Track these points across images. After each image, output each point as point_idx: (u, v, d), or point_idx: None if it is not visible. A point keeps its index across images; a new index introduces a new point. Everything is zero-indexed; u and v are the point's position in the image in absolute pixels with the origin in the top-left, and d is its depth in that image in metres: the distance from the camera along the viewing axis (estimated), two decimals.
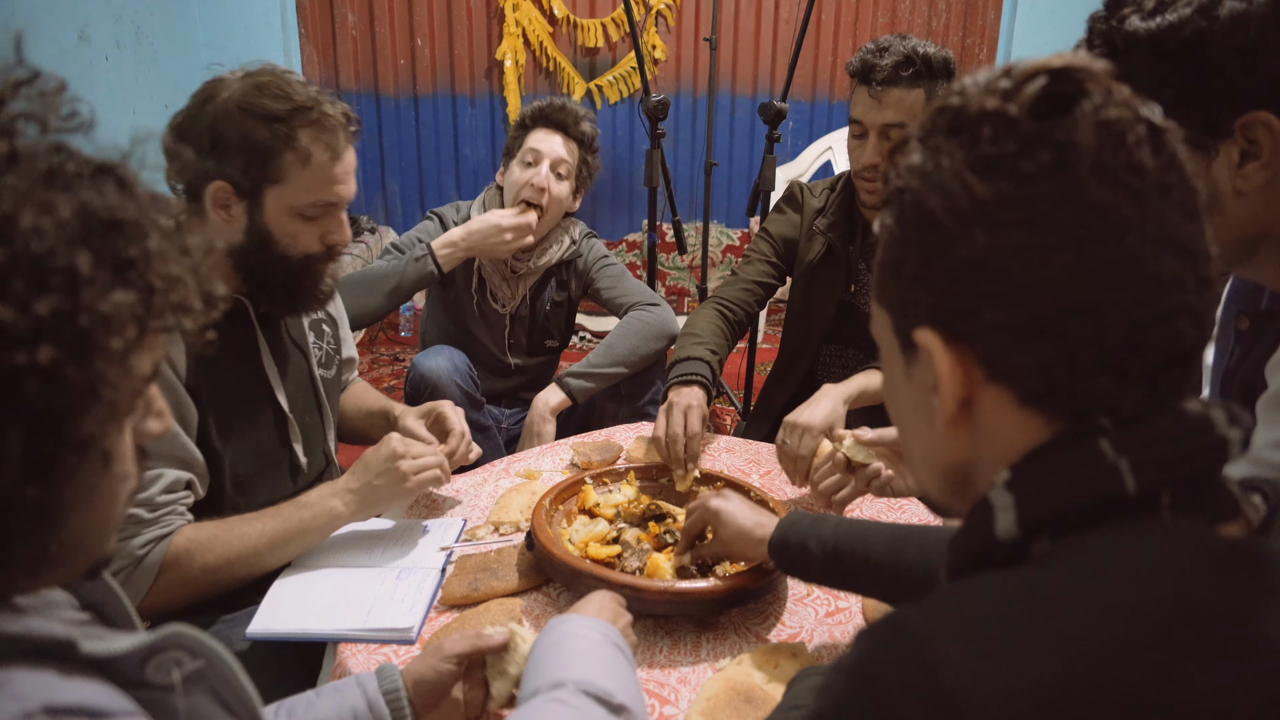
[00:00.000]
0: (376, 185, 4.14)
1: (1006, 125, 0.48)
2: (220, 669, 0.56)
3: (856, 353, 1.78)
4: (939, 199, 0.50)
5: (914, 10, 4.07)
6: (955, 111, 0.51)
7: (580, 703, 0.71)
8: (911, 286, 0.53)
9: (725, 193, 4.28)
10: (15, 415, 0.44)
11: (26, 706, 0.43)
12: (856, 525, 0.96)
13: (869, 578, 0.93)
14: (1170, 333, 0.48)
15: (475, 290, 1.94)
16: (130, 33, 3.00)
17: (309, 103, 1.13)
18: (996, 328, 0.49)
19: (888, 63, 1.49)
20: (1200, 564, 0.45)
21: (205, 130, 1.11)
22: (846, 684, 0.48)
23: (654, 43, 4.00)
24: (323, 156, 1.15)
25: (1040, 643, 0.42)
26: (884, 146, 1.53)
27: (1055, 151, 0.47)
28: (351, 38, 3.93)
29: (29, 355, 0.43)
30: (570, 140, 1.88)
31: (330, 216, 1.20)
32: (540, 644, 0.80)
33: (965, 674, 0.42)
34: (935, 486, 0.59)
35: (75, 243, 0.45)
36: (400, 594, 1.08)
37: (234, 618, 1.17)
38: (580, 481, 1.28)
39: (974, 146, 0.49)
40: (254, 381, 1.25)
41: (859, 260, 1.71)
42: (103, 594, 0.64)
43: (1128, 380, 0.48)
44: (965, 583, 0.49)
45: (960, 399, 0.52)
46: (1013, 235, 0.48)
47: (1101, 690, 0.40)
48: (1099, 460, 0.47)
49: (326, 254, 1.23)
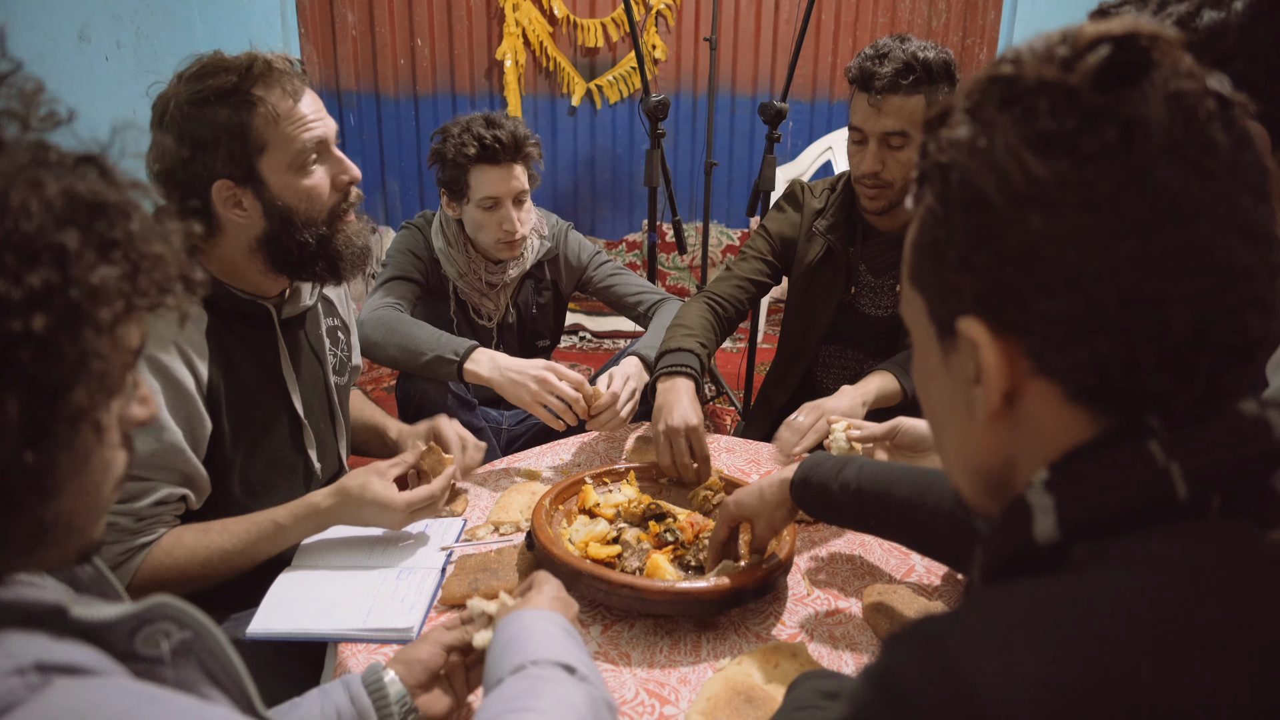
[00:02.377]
0: (376, 185, 4.14)
1: (1066, 98, 0.44)
2: (208, 641, 0.57)
3: (856, 353, 1.78)
4: (991, 178, 0.46)
5: (914, 10, 4.07)
6: (1009, 82, 0.46)
7: (547, 672, 0.72)
8: (955, 271, 0.49)
9: (725, 193, 4.28)
10: (12, 382, 0.46)
11: (19, 663, 0.45)
12: (881, 466, 0.96)
13: (892, 517, 0.93)
14: (1237, 326, 0.44)
15: (455, 313, 1.90)
16: (130, 33, 3.00)
17: (248, 63, 1.12)
18: (1050, 319, 0.45)
19: (887, 70, 1.48)
20: (1252, 573, 0.42)
21: (175, 142, 1.11)
22: (875, 692, 0.45)
23: (654, 43, 4.00)
24: (286, 103, 1.14)
25: (1079, 656, 0.39)
26: (884, 154, 1.53)
27: (1121, 128, 0.43)
28: (351, 38, 3.93)
29: (24, 324, 0.45)
30: (519, 165, 1.75)
31: (327, 155, 1.20)
32: (497, 640, 0.81)
33: (1001, 688, 0.39)
34: (967, 484, 0.56)
35: (63, 222, 0.48)
36: (400, 594, 1.08)
37: (241, 616, 1.17)
38: (580, 481, 1.28)
39: (1030, 121, 0.45)
40: (272, 386, 1.26)
41: (859, 262, 1.71)
42: (100, 589, 0.65)
43: (1187, 377, 0.45)
44: (1000, 590, 0.46)
45: (1004, 393, 0.48)
46: (1071, 219, 0.44)
47: (1146, 707, 0.38)
48: (1149, 464, 0.44)
49: (344, 199, 1.22)
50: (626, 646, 1.01)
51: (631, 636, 1.02)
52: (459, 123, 1.74)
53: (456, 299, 1.90)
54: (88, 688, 0.46)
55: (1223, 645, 0.39)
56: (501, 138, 1.69)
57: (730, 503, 1.09)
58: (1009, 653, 0.41)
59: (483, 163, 1.71)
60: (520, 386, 1.48)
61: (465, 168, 1.72)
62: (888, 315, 1.71)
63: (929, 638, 0.43)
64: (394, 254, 1.85)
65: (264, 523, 1.15)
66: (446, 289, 1.88)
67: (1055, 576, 0.45)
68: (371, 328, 1.64)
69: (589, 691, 0.72)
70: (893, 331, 1.71)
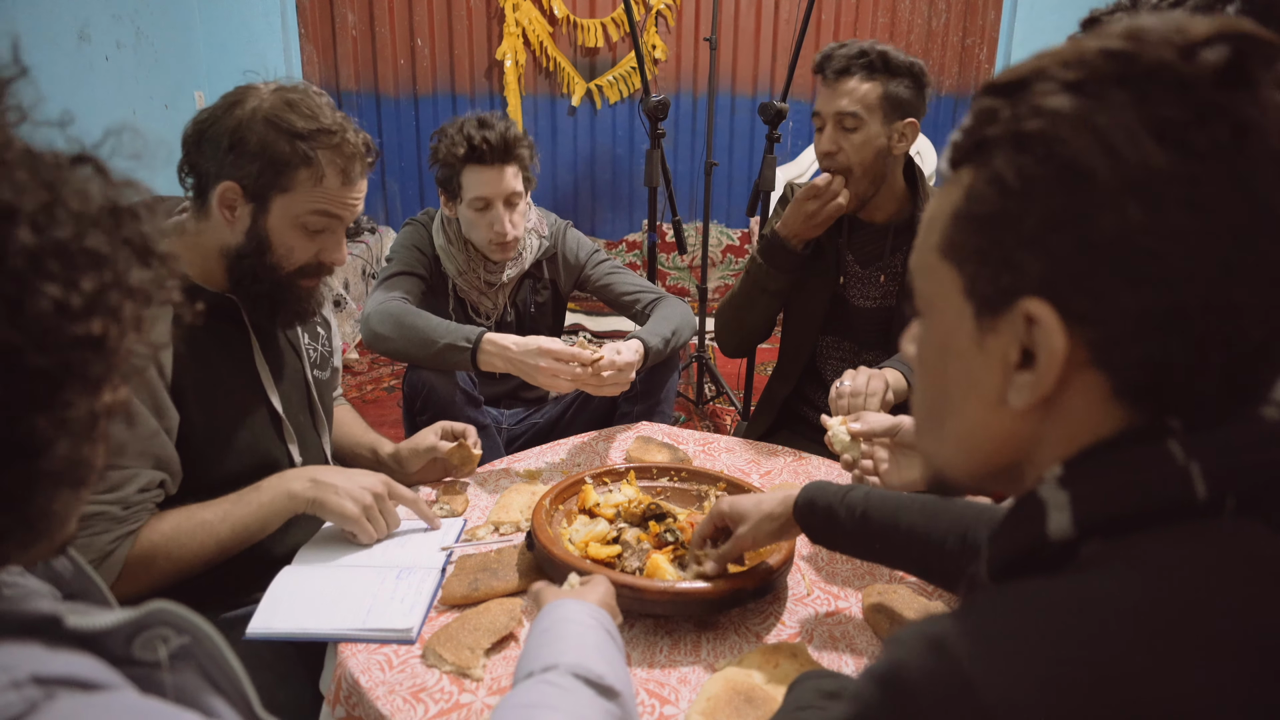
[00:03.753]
0: (376, 185, 4.14)
1: (1182, 87, 0.42)
2: (206, 646, 0.57)
3: (851, 345, 1.82)
4: (1102, 158, 0.43)
5: (914, 10, 4.07)
6: (1128, 59, 0.43)
7: (570, 684, 0.71)
8: (1023, 248, 0.46)
9: (725, 193, 4.28)
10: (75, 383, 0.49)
11: (14, 676, 0.44)
12: (888, 493, 0.95)
13: (898, 545, 0.91)
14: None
15: (454, 310, 1.90)
16: (130, 33, 3.01)
17: (334, 127, 1.16)
18: (1125, 313, 0.44)
19: (842, 54, 1.59)
20: (1263, 577, 0.41)
21: (227, 132, 1.13)
22: (880, 693, 0.44)
23: (654, 43, 4.01)
24: (335, 179, 1.17)
25: (1087, 659, 0.39)
26: (838, 135, 1.62)
27: (1234, 129, 0.42)
28: (351, 38, 3.93)
29: (85, 327, 0.48)
30: (510, 166, 1.73)
31: (330, 233, 1.22)
32: (535, 628, 0.81)
33: (1007, 690, 0.39)
34: (966, 467, 0.55)
35: (98, 227, 0.50)
36: (400, 594, 1.08)
37: (233, 616, 1.17)
38: (580, 481, 1.28)
39: (1147, 104, 0.42)
40: (246, 381, 1.25)
41: (846, 252, 1.76)
42: (83, 585, 0.65)
43: (1232, 385, 0.44)
44: (1007, 591, 0.45)
45: (1060, 381, 0.47)
46: (1173, 215, 0.42)
47: (1153, 711, 0.37)
48: (1169, 463, 0.44)
49: (317, 269, 1.24)
50: (627, 646, 1.01)
51: (631, 636, 1.02)
52: (455, 123, 1.75)
53: (455, 296, 1.90)
54: (91, 705, 0.45)
55: (1231, 649, 0.39)
56: (490, 139, 1.69)
57: (725, 502, 1.08)
58: (1016, 655, 0.40)
59: (472, 163, 1.71)
60: (532, 368, 1.51)
61: (456, 168, 1.73)
62: (875, 307, 1.76)
63: (934, 638, 0.43)
64: (398, 249, 1.86)
65: (243, 490, 1.16)
66: (446, 286, 1.89)
67: (1063, 578, 0.44)
68: (379, 321, 1.64)
69: (609, 711, 0.71)
70: (882, 323, 1.75)
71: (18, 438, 0.47)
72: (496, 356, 1.55)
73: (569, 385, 1.52)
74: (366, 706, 0.92)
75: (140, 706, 0.48)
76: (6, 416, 0.46)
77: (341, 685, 0.96)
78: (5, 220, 0.45)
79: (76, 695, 0.45)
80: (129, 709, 0.47)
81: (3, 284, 0.45)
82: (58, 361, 0.47)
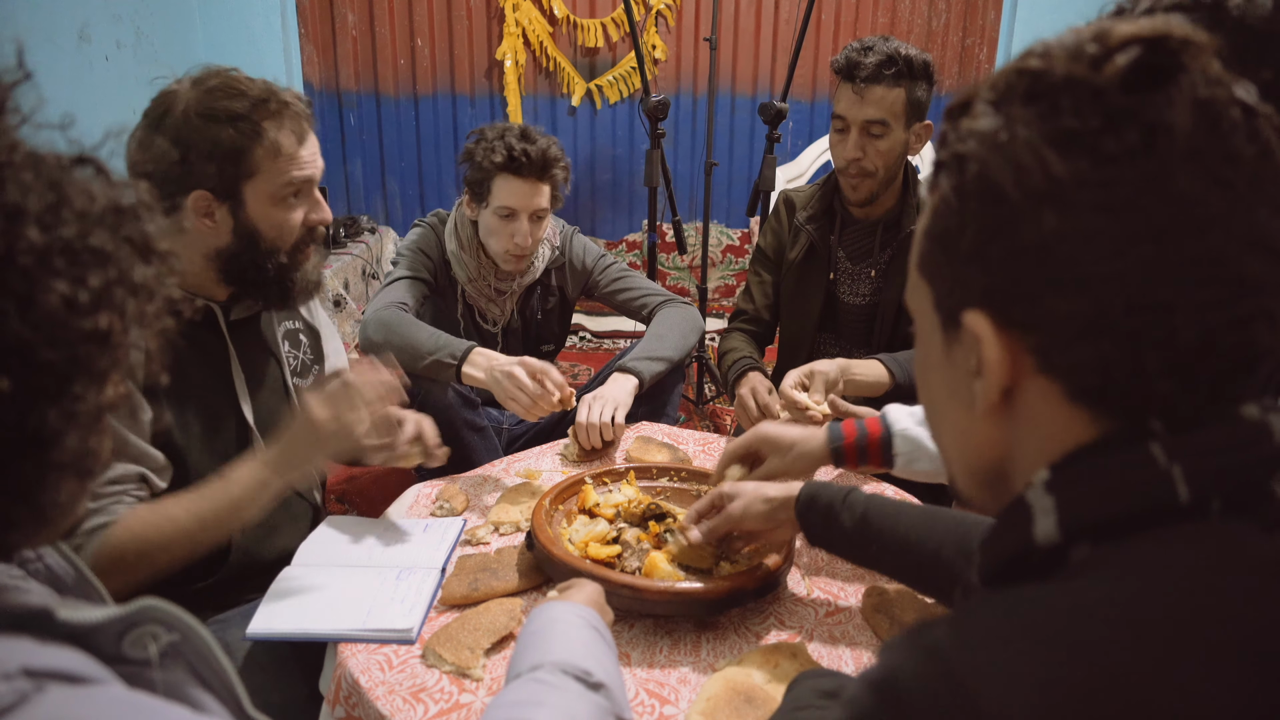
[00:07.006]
0: (376, 185, 4.13)
1: (1091, 97, 0.43)
2: (196, 643, 0.57)
3: (846, 342, 1.84)
4: (1010, 172, 0.45)
5: (914, 10, 4.07)
6: (1036, 76, 0.45)
7: (556, 679, 0.72)
8: (965, 263, 0.48)
9: (725, 193, 4.28)
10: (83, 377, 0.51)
11: (5, 669, 0.44)
12: (889, 499, 0.96)
13: (895, 551, 0.91)
14: (1244, 338, 0.44)
15: (462, 315, 1.91)
16: (130, 33, 3.00)
17: (265, 95, 1.15)
18: (1057, 318, 0.45)
19: (872, 61, 1.57)
20: (1252, 578, 0.42)
21: (170, 144, 1.11)
22: (874, 699, 0.44)
23: (654, 43, 4.00)
24: (290, 142, 1.17)
25: (1080, 663, 0.39)
26: (864, 142, 1.62)
27: (1144, 132, 0.42)
28: (351, 38, 3.93)
29: (93, 323, 0.49)
30: (544, 183, 1.76)
31: (307, 195, 1.23)
32: (523, 633, 0.81)
33: (1002, 695, 0.39)
34: (963, 477, 0.56)
35: (101, 226, 0.51)
36: (400, 594, 1.08)
37: (227, 618, 1.17)
38: (580, 481, 1.28)
39: (1053, 117, 0.44)
40: (221, 386, 1.25)
41: (838, 248, 1.78)
42: (78, 582, 0.65)
43: (1191, 384, 0.45)
44: (1000, 595, 0.46)
45: (1004, 388, 0.48)
46: (1087, 220, 0.43)
47: (1147, 714, 0.38)
48: (1151, 466, 0.44)
49: (309, 236, 1.25)
50: (626, 646, 1.01)
51: (631, 636, 1.03)
52: (496, 128, 1.77)
53: (464, 302, 1.91)
54: (80, 697, 0.46)
55: (1223, 651, 0.39)
56: (531, 153, 1.71)
57: (727, 483, 1.08)
58: (1010, 660, 0.40)
59: (507, 172, 1.73)
60: (497, 384, 1.51)
61: (491, 172, 1.74)
62: (865, 303, 1.78)
63: (929, 644, 0.43)
64: (406, 251, 1.86)
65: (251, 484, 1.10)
66: (455, 290, 1.89)
67: (1055, 582, 0.45)
68: (374, 329, 1.65)
69: (597, 703, 0.71)
70: (870, 320, 1.77)
71: (30, 430, 0.48)
72: (481, 370, 1.55)
73: (527, 415, 1.49)
74: (366, 706, 0.92)
75: (128, 699, 0.48)
76: (19, 409, 0.47)
77: (341, 685, 0.96)
78: (14, 220, 0.46)
79: (66, 688, 0.45)
80: (117, 701, 0.47)
81: (14, 281, 0.46)
82: (67, 356, 0.48)
